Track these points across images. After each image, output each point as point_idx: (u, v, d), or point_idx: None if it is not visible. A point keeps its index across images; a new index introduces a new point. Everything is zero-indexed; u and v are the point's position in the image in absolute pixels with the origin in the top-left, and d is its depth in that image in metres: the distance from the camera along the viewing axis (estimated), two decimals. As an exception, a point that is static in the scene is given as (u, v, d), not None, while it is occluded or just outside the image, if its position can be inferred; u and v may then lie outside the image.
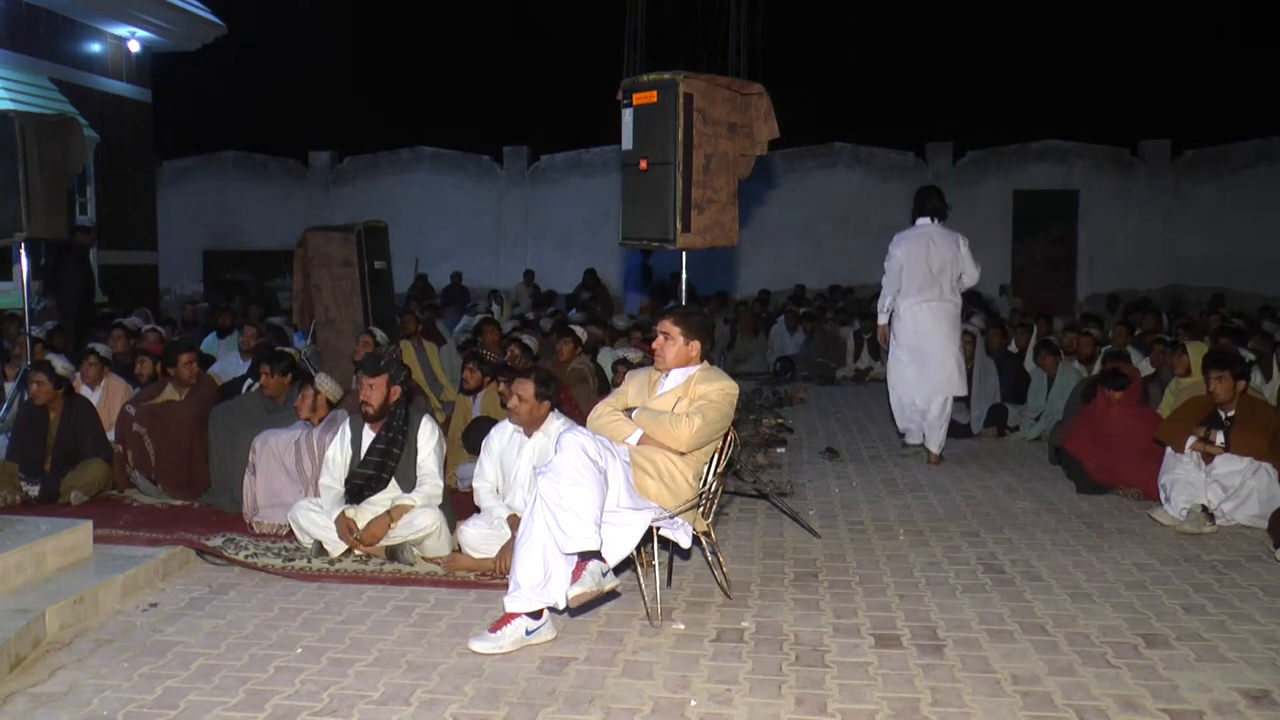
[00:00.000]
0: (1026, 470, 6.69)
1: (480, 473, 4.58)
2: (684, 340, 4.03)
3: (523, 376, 4.53)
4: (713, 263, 15.05)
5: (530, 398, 4.45)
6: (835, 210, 17.28)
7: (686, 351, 4.05)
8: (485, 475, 4.56)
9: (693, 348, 4.05)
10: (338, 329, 7.77)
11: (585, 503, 3.48)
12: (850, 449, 7.46)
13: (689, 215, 5.06)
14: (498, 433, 4.64)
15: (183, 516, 5.31)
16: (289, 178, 18.97)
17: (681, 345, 4.03)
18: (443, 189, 18.32)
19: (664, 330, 4.06)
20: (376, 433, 4.69)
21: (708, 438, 3.93)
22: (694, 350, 4.05)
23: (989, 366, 8.18)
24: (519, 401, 4.44)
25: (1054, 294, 16.37)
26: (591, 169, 17.93)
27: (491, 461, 4.56)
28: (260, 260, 17.81)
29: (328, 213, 17.50)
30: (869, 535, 5.10)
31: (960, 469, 6.74)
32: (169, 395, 5.96)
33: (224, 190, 18.86)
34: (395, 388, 4.69)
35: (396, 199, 17.87)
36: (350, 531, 4.55)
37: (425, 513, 4.57)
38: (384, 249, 8.20)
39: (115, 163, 13.38)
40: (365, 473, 4.62)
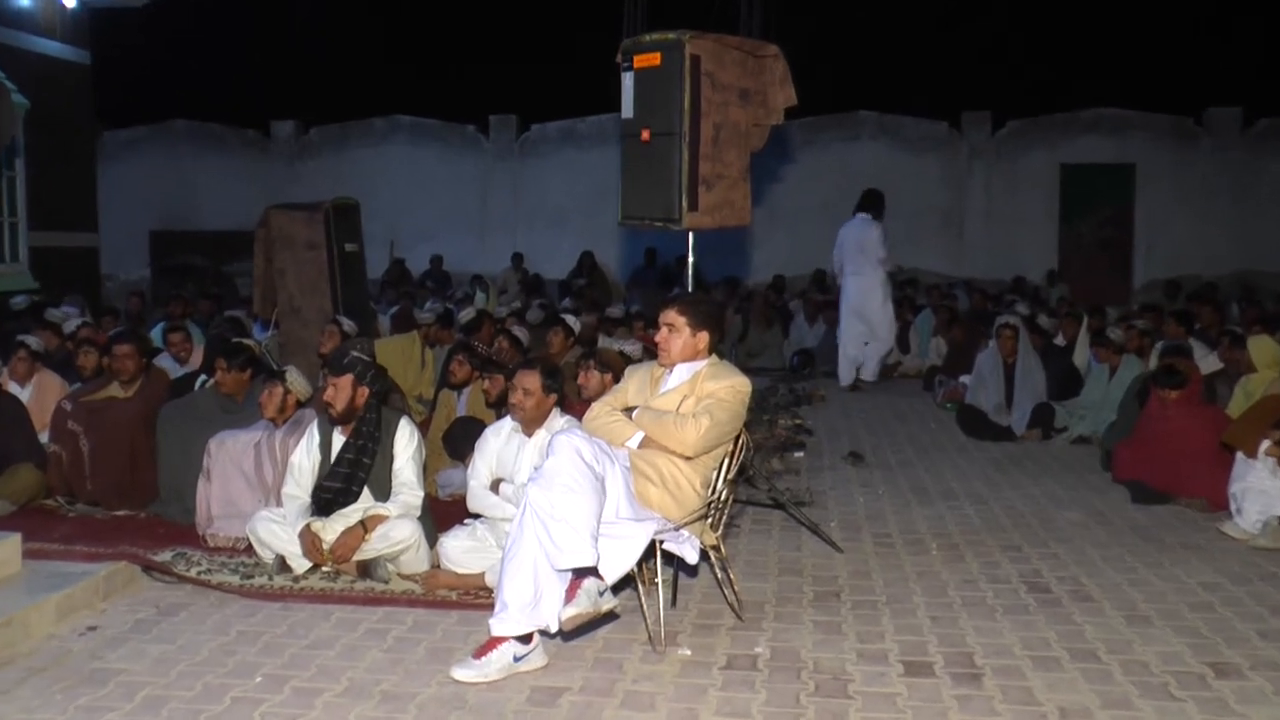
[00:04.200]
0: (1074, 477, 6.69)
1: (474, 473, 4.59)
2: (690, 331, 4.03)
3: (527, 368, 4.53)
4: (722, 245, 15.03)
5: (537, 390, 4.45)
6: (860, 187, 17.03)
7: (693, 344, 4.04)
8: (479, 476, 4.56)
9: (700, 340, 4.05)
10: (303, 319, 7.78)
11: (580, 513, 3.48)
12: (876, 453, 7.47)
13: (696, 192, 5.05)
14: (493, 432, 4.64)
15: (126, 528, 5.30)
16: (248, 150, 18.96)
17: (688, 337, 4.03)
18: (421, 163, 18.32)
19: (668, 321, 4.06)
20: (347, 437, 4.69)
21: (717, 440, 3.93)
22: (701, 343, 4.05)
23: (1033, 362, 8.19)
24: (524, 395, 4.44)
25: (1106, 281, 16.34)
26: (587, 140, 17.92)
27: (486, 464, 4.57)
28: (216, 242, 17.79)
29: (292, 189, 17.46)
30: (897, 550, 5.10)
31: (1000, 476, 6.74)
32: (113, 392, 5.95)
33: (174, 164, 18.85)
34: (363, 389, 4.68)
35: (369, 174, 17.86)
36: (316, 546, 4.55)
37: (402, 524, 4.57)
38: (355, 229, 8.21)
39: (49, 132, 13.33)
40: (333, 485, 4.63)
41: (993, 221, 17.09)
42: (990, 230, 17.04)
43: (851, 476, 6.76)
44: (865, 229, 10.26)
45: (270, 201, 9.00)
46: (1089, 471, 6.80)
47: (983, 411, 8.13)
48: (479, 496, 4.53)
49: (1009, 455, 7.39)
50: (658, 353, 4.12)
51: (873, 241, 10.19)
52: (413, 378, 7.98)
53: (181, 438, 5.43)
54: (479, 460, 4.59)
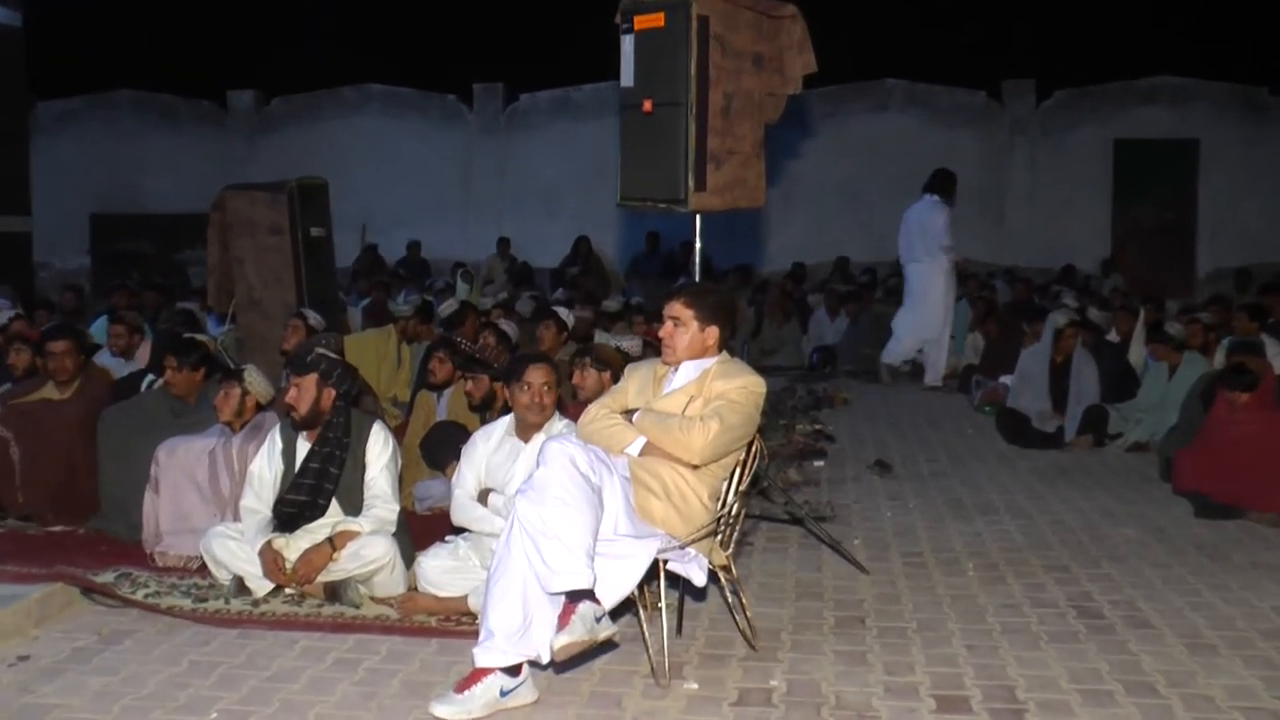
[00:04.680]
0: (1130, 488, 6.69)
1: (460, 481, 4.59)
2: (698, 326, 4.04)
3: (536, 362, 4.55)
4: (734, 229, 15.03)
5: (554, 386, 4.50)
6: (887, 164, 17.23)
7: (701, 340, 4.05)
8: (466, 485, 4.57)
9: (709, 335, 4.06)
10: (264, 312, 7.79)
11: (575, 529, 3.49)
12: (906, 462, 7.47)
13: (704, 170, 5.06)
14: (483, 436, 4.65)
15: (64, 545, 5.31)
16: (201, 123, 18.97)
17: (695, 332, 4.04)
18: (397, 137, 18.32)
19: (673, 314, 4.07)
20: (312, 444, 4.70)
21: (727, 447, 3.94)
22: (710, 338, 4.06)
23: (1085, 361, 8.18)
24: (545, 391, 4.45)
25: (1166, 270, 16.31)
26: (582, 111, 17.93)
27: (473, 471, 4.58)
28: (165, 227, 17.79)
29: (252, 167, 17.49)
30: (929, 570, 5.11)
31: (1045, 487, 6.74)
32: (47, 393, 5.96)
33: (118, 139, 18.86)
34: (330, 390, 4.69)
35: (339, 150, 17.86)
36: (278, 565, 4.56)
37: (375, 541, 4.58)
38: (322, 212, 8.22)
39: (-25, 104, 13.37)
40: (297, 499, 4.63)
41: (1037, 204, 17.09)
42: (1034, 214, 17.04)
43: (878, 488, 6.76)
44: (931, 212, 10.33)
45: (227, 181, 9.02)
46: (1146, 483, 6.81)
47: (1026, 416, 8.13)
48: (464, 507, 4.53)
49: (1056, 465, 7.39)
50: (661, 349, 4.13)
51: (937, 227, 10.26)
52: (387, 378, 7.99)
53: (126, 444, 5.44)
54: (465, 467, 4.60)
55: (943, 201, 10.38)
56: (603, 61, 6.38)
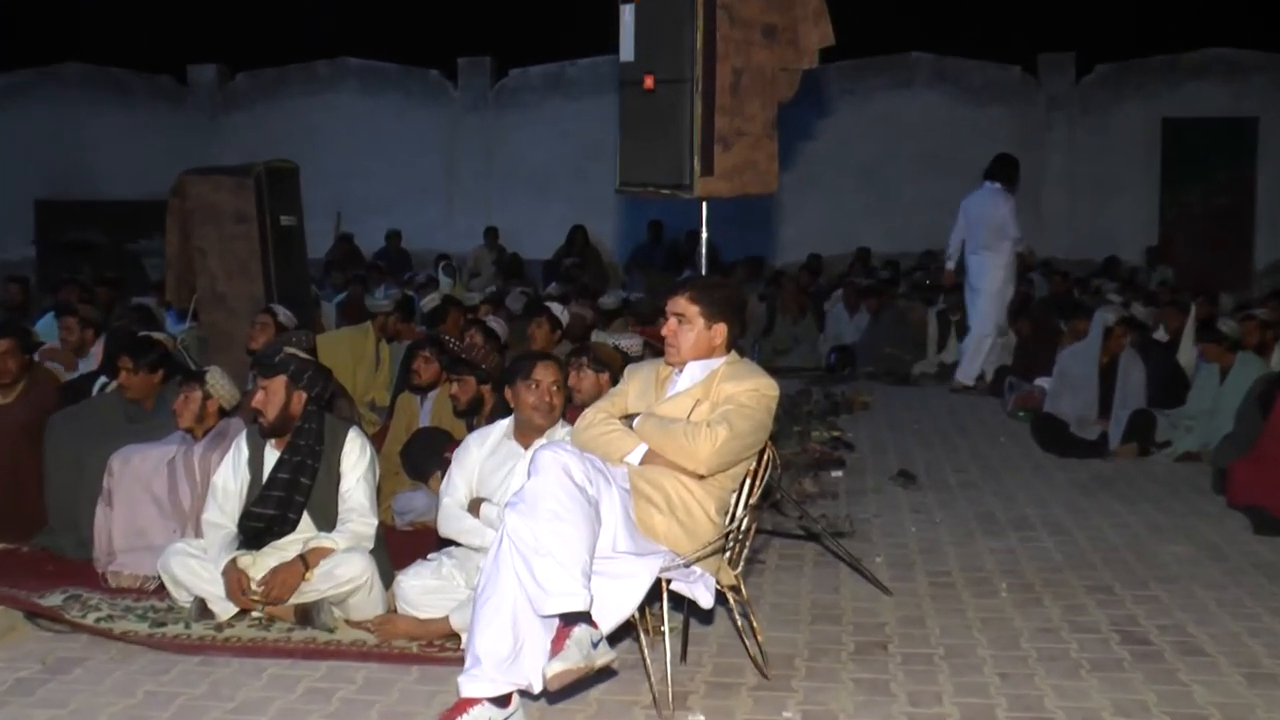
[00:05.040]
0: (1180, 501, 6.68)
1: (450, 488, 4.59)
2: (704, 323, 4.05)
3: (544, 360, 4.57)
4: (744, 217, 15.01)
5: (562, 387, 4.53)
6: (912, 146, 17.26)
7: (708, 338, 4.06)
8: (456, 493, 4.57)
9: (716, 333, 4.06)
10: (229, 308, 7.80)
11: (569, 546, 3.49)
12: (932, 472, 7.47)
13: (711, 152, 5.06)
14: (477, 440, 4.65)
15: (6, 565, 5.30)
16: (159, 101, 18.98)
17: (701, 330, 4.05)
18: (375, 116, 18.33)
19: (677, 310, 4.08)
20: (282, 452, 4.70)
21: (736, 455, 3.94)
22: (718, 336, 4.07)
23: (1133, 360, 8.16)
24: (555, 390, 4.48)
25: (1220, 262, 16.25)
26: (578, 88, 17.94)
27: (465, 479, 4.58)
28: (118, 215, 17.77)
29: (214, 149, 17.51)
30: (958, 591, 5.11)
31: (1086, 500, 6.74)
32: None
33: (66, 118, 18.85)
34: (300, 393, 4.69)
35: (310, 130, 17.88)
36: (244, 586, 4.55)
37: (351, 559, 4.58)
38: (293, 199, 8.23)
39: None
40: (265, 512, 4.63)
41: (1077, 189, 17.09)
42: (1074, 200, 17.03)
43: (902, 501, 6.76)
44: (993, 201, 10.42)
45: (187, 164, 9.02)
46: (1198, 495, 6.80)
47: (1065, 421, 8.13)
48: (453, 517, 4.53)
49: (1098, 475, 7.38)
50: (664, 349, 4.13)
51: (1002, 216, 10.36)
52: (364, 379, 7.99)
53: (76, 453, 5.43)
54: (457, 473, 4.60)
55: (1005, 189, 10.45)
56: (600, 34, 6.38)
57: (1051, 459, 7.86)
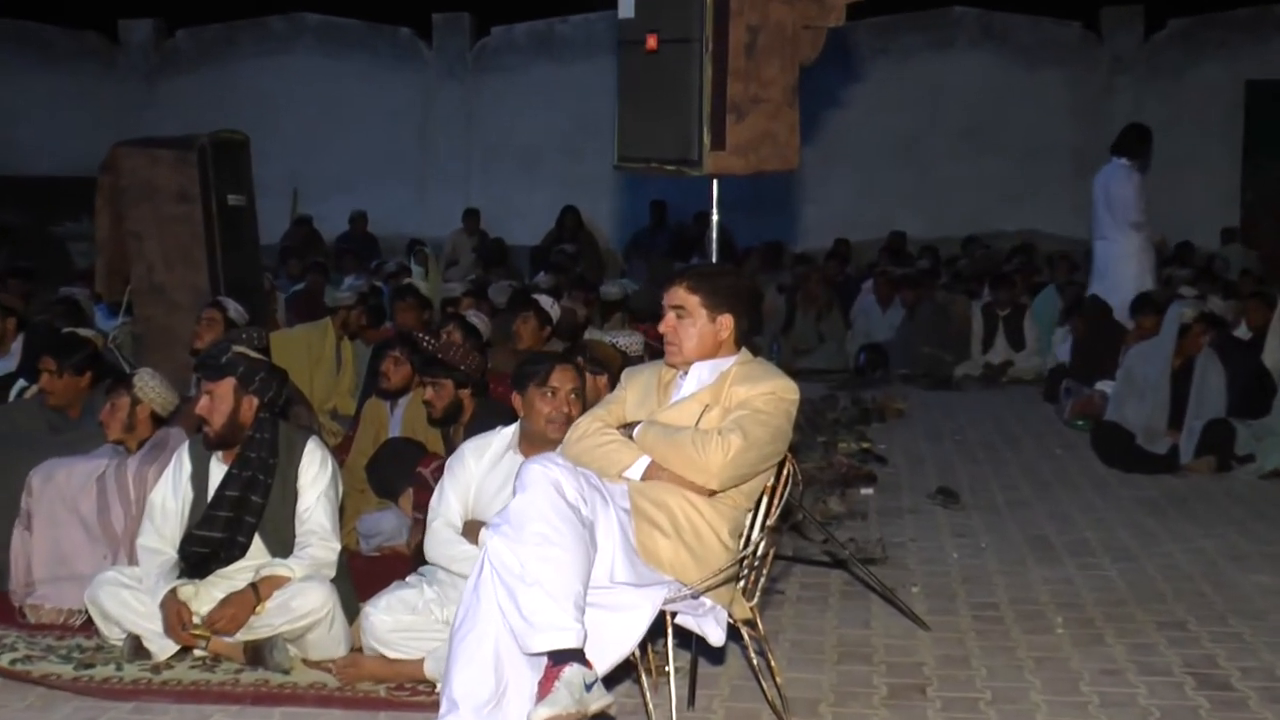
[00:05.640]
0: (1266, 524, 6.68)
1: (441, 507, 4.56)
2: (707, 315, 4.05)
3: (563, 362, 4.59)
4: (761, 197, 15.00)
5: (581, 395, 4.54)
6: (954, 115, 17.25)
7: (713, 333, 4.07)
8: (448, 513, 4.55)
9: (721, 326, 4.07)
10: (169, 300, 7.79)
11: (560, 574, 3.49)
12: (977, 489, 7.48)
13: (723, 123, 5.07)
14: (474, 452, 4.63)
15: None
16: (87, 62, 18.95)
17: (704, 323, 4.06)
18: (338, 81, 18.31)
19: (675, 302, 4.08)
20: (230, 466, 4.71)
21: (752, 467, 3.93)
22: (724, 330, 4.07)
23: (1211, 362, 8.15)
24: (571, 402, 4.48)
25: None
26: (570, 50, 17.94)
27: (459, 496, 4.57)
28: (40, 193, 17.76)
29: (151, 117, 17.46)
30: (1007, 626, 5.11)
31: (1156, 522, 6.74)
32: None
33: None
34: (250, 398, 4.69)
35: (263, 97, 17.86)
36: (186, 620, 4.55)
37: (310, 589, 4.58)
38: (242, 175, 8.23)
39: None
40: (210, 535, 4.63)
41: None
42: (1141, 176, 16.97)
43: (941, 523, 6.77)
44: (1117, 179, 10.37)
45: (120, 135, 8.99)
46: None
47: (1130, 432, 8.12)
48: (444, 542, 4.50)
49: (1169, 494, 7.39)
50: (664, 348, 4.13)
51: (1125, 196, 10.29)
52: (322, 384, 8.01)
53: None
54: (450, 490, 4.58)
55: (1132, 166, 10.42)
56: (595, -14, 6.38)
57: (1115, 475, 7.86)
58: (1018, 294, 11.94)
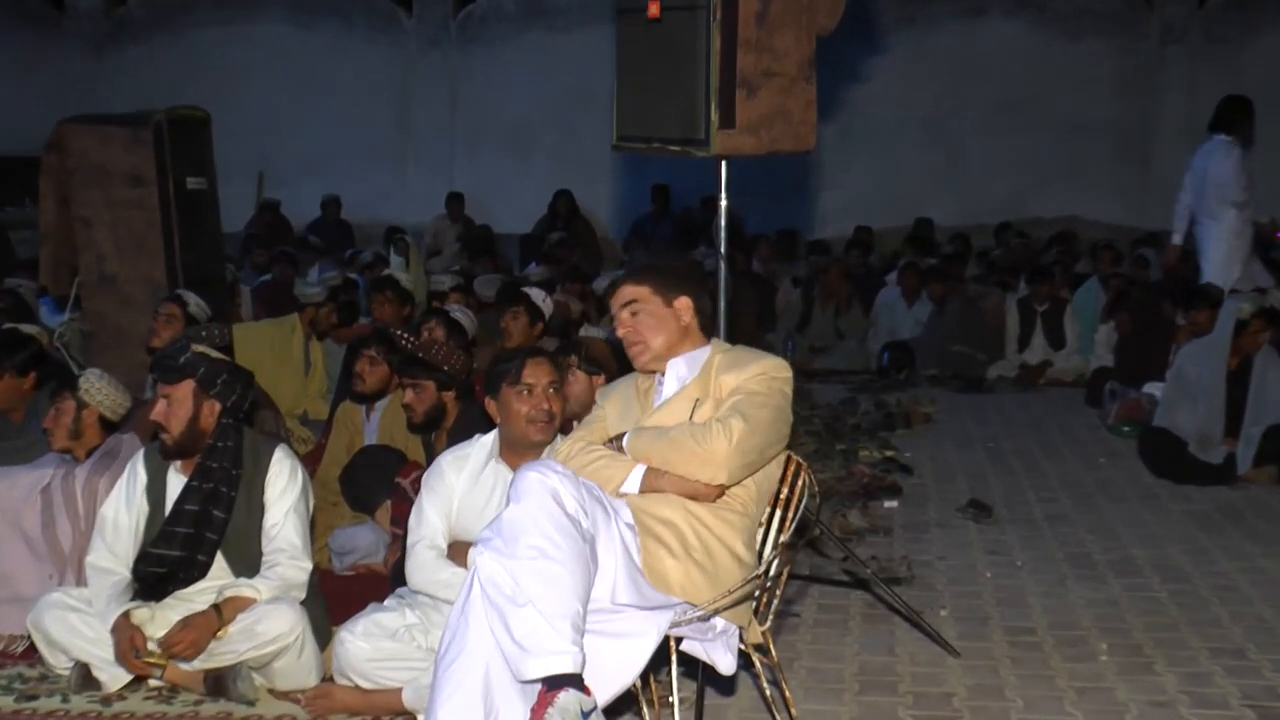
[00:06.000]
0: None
1: (421, 527, 4.56)
2: (661, 300, 4.13)
3: (535, 356, 4.59)
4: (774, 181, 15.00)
5: (560, 389, 4.55)
6: (987, 90, 17.24)
7: (673, 317, 4.13)
8: (431, 534, 4.55)
9: (680, 309, 4.13)
10: (121, 294, 7.80)
11: (557, 592, 3.47)
12: (1012, 502, 7.48)
13: (732, 99, 5.05)
14: (453, 464, 4.63)
15: None
16: (28, 29, 18.93)
17: (661, 309, 4.13)
18: (308, 52, 18.32)
19: (624, 299, 4.15)
20: (189, 477, 4.71)
21: (760, 452, 3.93)
22: (685, 313, 4.14)
23: (1272, 362, 8.14)
24: (550, 397, 4.48)
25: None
26: (564, 18, 17.94)
27: (440, 514, 4.57)
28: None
29: (102, 91, 17.45)
30: (1045, 653, 5.11)
31: (1210, 538, 6.75)
32: None
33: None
34: (211, 402, 4.69)
35: (225, 70, 17.87)
36: (139, 646, 4.55)
37: (278, 612, 4.58)
38: (203, 157, 8.23)
39: None
40: (168, 554, 4.63)
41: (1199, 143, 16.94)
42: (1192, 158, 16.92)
43: (973, 539, 6.77)
44: (1218, 156, 10.49)
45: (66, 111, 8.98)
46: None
47: (1181, 439, 8.11)
48: (427, 566, 4.50)
49: (1225, 507, 7.38)
50: (629, 353, 4.16)
51: (1224, 174, 10.39)
52: (292, 385, 8.01)
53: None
54: (430, 508, 4.58)
55: (1233, 141, 10.48)
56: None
57: (1165, 486, 7.85)
58: (1057, 287, 11.91)
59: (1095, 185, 16.86)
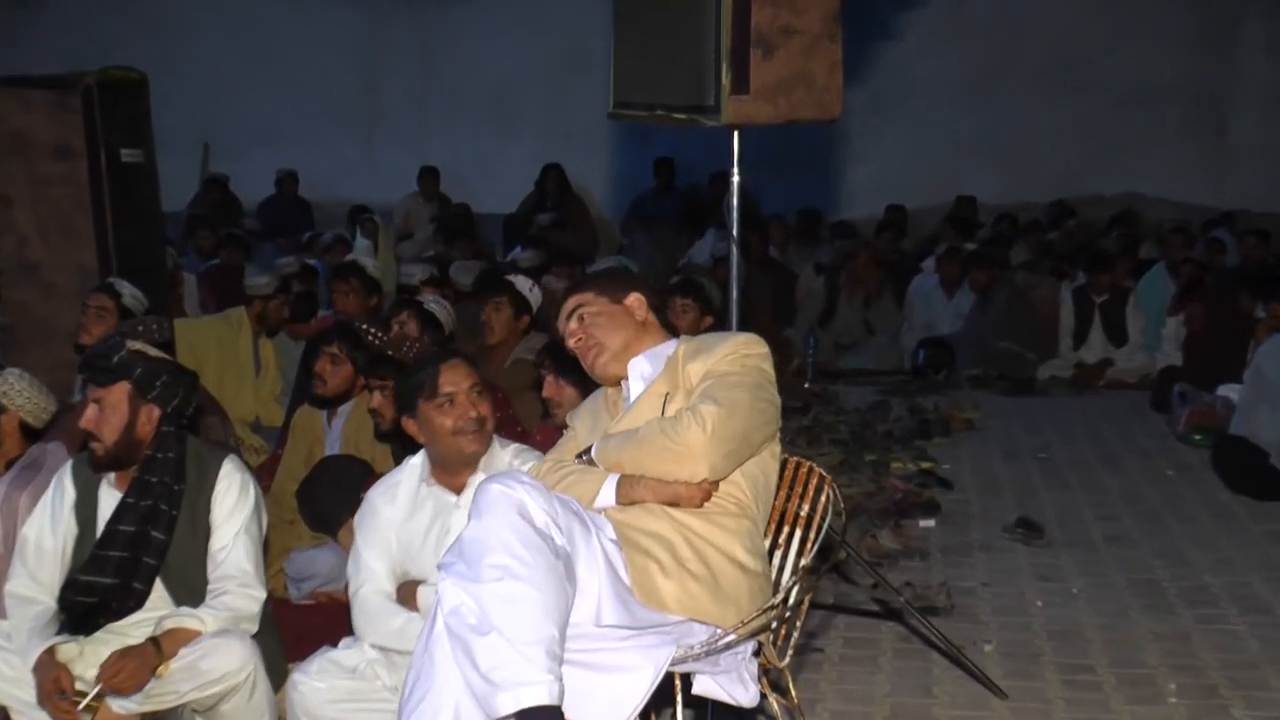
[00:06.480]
0: None
1: (362, 573, 4.58)
2: (608, 299, 4.22)
3: (447, 360, 4.58)
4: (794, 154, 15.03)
5: (485, 391, 4.56)
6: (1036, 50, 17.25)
7: (626, 313, 4.21)
8: (375, 577, 4.57)
9: (633, 304, 4.22)
10: (44, 282, 7.81)
11: (527, 615, 3.46)
12: (1066, 521, 7.50)
13: (746, 60, 5.07)
14: (384, 497, 4.64)
15: None
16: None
17: (610, 308, 4.20)
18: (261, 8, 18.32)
19: (570, 308, 4.23)
20: (125, 493, 4.71)
21: (742, 438, 3.92)
22: (637, 309, 4.22)
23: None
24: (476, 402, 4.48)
25: None
26: (552, -29, 17.98)
27: (381, 553, 4.58)
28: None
29: (21, 48, 17.46)
30: (1105, 694, 5.12)
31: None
32: None
33: None
34: (149, 408, 4.68)
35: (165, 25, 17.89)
36: (62, 689, 4.54)
37: (226, 647, 4.56)
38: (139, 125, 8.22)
39: None
40: (99, 581, 4.63)
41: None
42: (1276, 128, 16.97)
43: (1022, 563, 6.78)
44: None
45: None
46: None
47: (1260, 449, 8.14)
48: (377, 615, 4.51)
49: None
50: (586, 364, 4.21)
51: None
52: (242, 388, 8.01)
53: None
54: (366, 551, 4.58)
55: None
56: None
57: (1243, 503, 7.89)
58: (1118, 275, 11.92)
59: (1163, 157, 16.84)
